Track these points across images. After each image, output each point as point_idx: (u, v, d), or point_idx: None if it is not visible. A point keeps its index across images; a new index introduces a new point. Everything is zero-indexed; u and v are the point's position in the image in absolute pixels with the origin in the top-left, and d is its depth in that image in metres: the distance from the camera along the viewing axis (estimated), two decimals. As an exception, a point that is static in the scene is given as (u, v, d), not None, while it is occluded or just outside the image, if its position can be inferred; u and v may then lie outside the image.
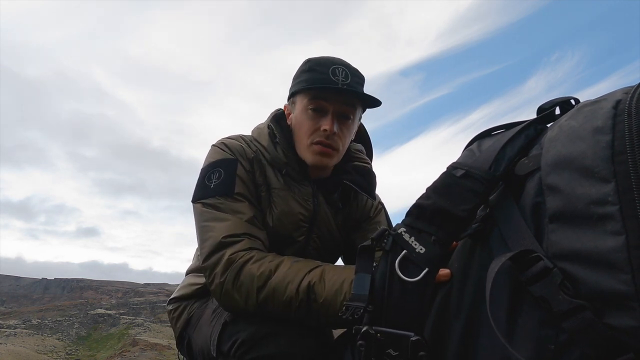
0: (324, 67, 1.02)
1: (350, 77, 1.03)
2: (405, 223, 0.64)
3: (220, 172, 1.01)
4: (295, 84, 1.08)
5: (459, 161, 0.64)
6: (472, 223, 0.59)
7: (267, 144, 1.09)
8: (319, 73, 1.02)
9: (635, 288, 0.40)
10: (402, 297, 0.61)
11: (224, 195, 0.98)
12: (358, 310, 0.63)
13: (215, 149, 1.08)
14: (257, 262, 0.87)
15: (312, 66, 1.05)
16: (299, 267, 0.85)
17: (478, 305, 0.55)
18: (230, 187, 0.99)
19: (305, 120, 1.04)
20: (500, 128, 0.67)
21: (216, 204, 0.97)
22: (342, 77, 1.02)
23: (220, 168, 1.02)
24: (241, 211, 0.97)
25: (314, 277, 0.82)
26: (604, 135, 0.47)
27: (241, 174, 1.02)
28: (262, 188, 1.06)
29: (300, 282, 0.82)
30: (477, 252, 0.58)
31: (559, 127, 0.53)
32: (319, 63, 1.04)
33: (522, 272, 0.48)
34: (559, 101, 0.63)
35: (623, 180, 0.43)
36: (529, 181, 0.55)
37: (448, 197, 0.60)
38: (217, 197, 0.98)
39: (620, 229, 0.42)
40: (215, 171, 1.02)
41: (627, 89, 0.51)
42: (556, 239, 0.47)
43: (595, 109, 0.50)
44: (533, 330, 0.47)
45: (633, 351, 0.40)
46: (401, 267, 0.61)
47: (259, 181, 1.06)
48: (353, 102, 1.05)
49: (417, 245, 0.61)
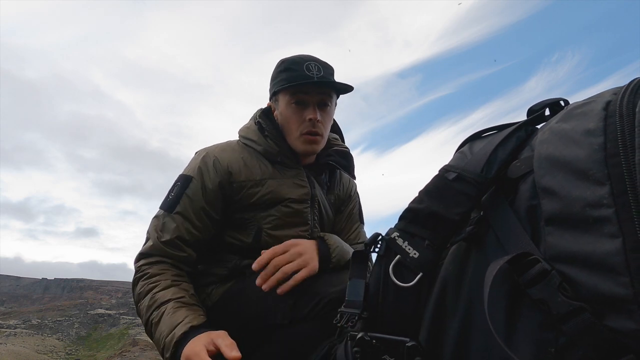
0: (298, 65, 1.16)
1: (323, 70, 1.16)
2: (398, 227, 0.63)
3: (177, 187, 1.13)
4: (275, 83, 1.21)
5: (451, 164, 0.64)
6: (466, 226, 0.59)
7: (257, 137, 1.20)
8: (295, 71, 1.15)
9: (633, 291, 0.40)
10: (396, 302, 0.60)
11: (166, 211, 1.11)
12: (353, 317, 0.62)
13: (192, 159, 1.20)
14: (144, 281, 1.04)
15: (288, 66, 1.18)
16: (154, 300, 0.99)
17: (474, 309, 0.55)
18: (173, 205, 1.10)
19: (291, 114, 1.17)
20: (491, 130, 0.67)
21: (159, 216, 1.12)
22: (315, 71, 1.15)
23: (179, 182, 1.14)
24: (167, 230, 1.08)
25: (154, 318, 0.97)
26: (596, 138, 0.46)
27: (193, 192, 1.11)
28: (249, 184, 1.14)
29: (147, 318, 0.99)
30: (472, 255, 0.58)
31: (549, 129, 0.53)
32: (293, 62, 1.17)
33: (520, 275, 0.48)
34: (548, 102, 0.63)
35: (617, 182, 0.43)
36: (522, 184, 0.54)
37: (441, 200, 0.59)
38: (162, 210, 1.12)
39: (616, 231, 0.42)
40: (176, 184, 1.14)
41: (615, 89, 0.51)
42: (553, 242, 0.47)
43: (586, 111, 0.50)
44: (533, 334, 0.47)
45: (633, 353, 0.40)
46: (395, 272, 0.60)
47: (243, 179, 1.14)
48: (329, 92, 1.20)
49: (410, 249, 0.60)
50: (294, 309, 0.95)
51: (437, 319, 0.58)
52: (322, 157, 1.28)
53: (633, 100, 0.47)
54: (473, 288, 0.56)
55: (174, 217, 1.08)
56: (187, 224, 1.08)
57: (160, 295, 0.99)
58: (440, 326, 0.58)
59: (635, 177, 0.42)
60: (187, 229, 1.08)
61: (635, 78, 0.50)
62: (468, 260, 0.58)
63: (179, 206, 1.09)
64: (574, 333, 0.43)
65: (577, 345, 0.43)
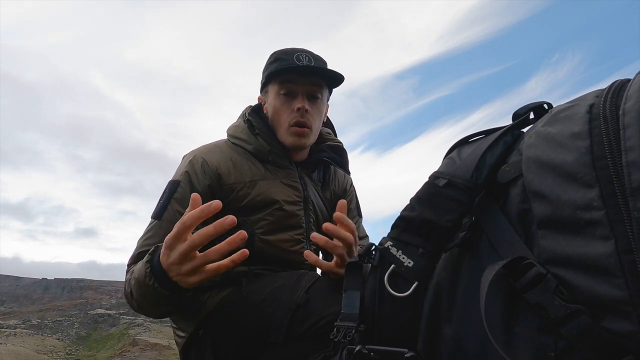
0: (288, 55, 1.13)
1: (314, 61, 1.13)
2: (391, 236, 0.62)
3: (165, 193, 1.08)
4: (266, 75, 1.18)
5: (441, 170, 0.64)
6: (459, 232, 0.59)
7: (247, 136, 1.17)
8: (284, 61, 1.12)
9: (629, 292, 0.40)
10: (393, 313, 0.60)
11: (154, 218, 1.06)
12: (350, 331, 0.61)
13: (180, 164, 1.15)
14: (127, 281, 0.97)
15: (278, 56, 1.15)
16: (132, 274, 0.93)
17: (470, 315, 0.55)
18: (161, 212, 1.05)
19: (279, 105, 1.15)
20: (479, 134, 0.67)
21: (149, 225, 1.06)
22: (305, 61, 1.12)
23: (167, 189, 1.09)
24: (155, 237, 1.02)
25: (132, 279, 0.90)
26: (582, 141, 0.47)
27: (181, 197, 1.06)
28: (238, 186, 1.10)
29: (129, 288, 0.92)
30: (465, 261, 0.57)
31: (536, 133, 0.54)
32: (283, 52, 1.15)
33: (516, 280, 0.48)
34: (532, 106, 0.64)
35: (606, 185, 0.43)
36: (512, 188, 0.54)
37: (433, 207, 0.59)
38: (152, 218, 1.06)
39: (608, 233, 0.42)
40: (165, 190, 1.09)
41: (597, 92, 0.52)
42: (547, 245, 0.47)
43: (570, 114, 0.51)
44: (531, 339, 0.47)
45: (632, 354, 0.40)
46: (390, 282, 0.60)
47: (232, 181, 1.10)
48: (319, 82, 1.16)
49: (405, 258, 0.60)
50: (290, 326, 0.91)
51: (433, 328, 0.58)
52: (315, 152, 1.26)
53: (615, 103, 0.47)
54: (468, 294, 0.56)
55: (161, 224, 1.03)
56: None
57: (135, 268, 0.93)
58: (436, 334, 0.58)
59: (623, 179, 0.42)
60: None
61: (616, 80, 0.51)
62: (461, 266, 0.58)
63: (167, 212, 1.04)
64: (573, 336, 0.43)
65: (576, 348, 0.43)
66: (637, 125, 0.43)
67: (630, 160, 0.42)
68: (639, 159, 0.41)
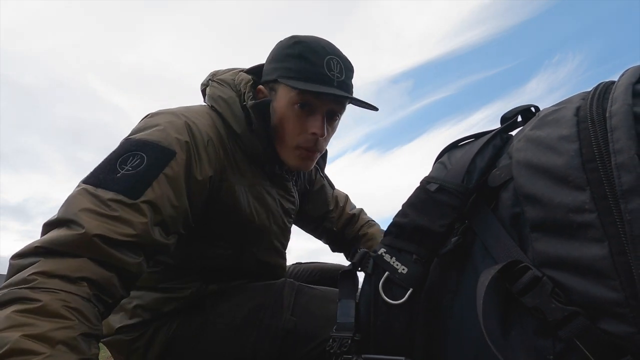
0: (317, 56, 0.86)
1: (344, 73, 0.89)
2: (384, 243, 0.62)
3: (142, 161, 0.71)
4: (281, 68, 0.88)
5: (432, 175, 0.63)
6: (452, 237, 0.59)
7: (242, 131, 0.89)
8: (312, 64, 0.86)
9: (624, 294, 0.41)
10: (389, 320, 0.59)
11: (125, 195, 0.67)
12: (346, 341, 0.60)
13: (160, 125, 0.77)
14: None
15: (304, 53, 0.87)
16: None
17: (465, 320, 0.55)
18: (139, 189, 0.68)
19: (291, 118, 0.88)
20: (468, 138, 0.67)
21: (107, 202, 0.65)
22: (337, 71, 0.87)
23: (145, 155, 0.71)
24: (129, 225, 0.66)
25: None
26: (571, 144, 0.47)
27: (174, 175, 0.73)
28: (236, 188, 0.88)
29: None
30: (459, 265, 0.57)
31: (524, 136, 0.54)
32: (311, 50, 0.87)
33: (512, 283, 0.48)
34: (520, 109, 0.64)
35: (597, 187, 0.44)
36: (503, 192, 0.55)
37: (425, 213, 0.59)
38: (117, 194, 0.66)
39: (601, 235, 0.43)
40: (137, 156, 0.71)
41: (583, 94, 0.53)
42: (541, 248, 0.48)
43: (558, 117, 0.51)
44: (529, 342, 0.47)
45: (631, 354, 0.41)
46: (385, 290, 0.59)
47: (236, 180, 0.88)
48: (344, 101, 0.93)
49: (399, 265, 0.59)
50: (281, 355, 0.82)
51: (429, 334, 0.58)
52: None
53: (602, 105, 0.48)
54: (463, 299, 0.56)
55: (137, 206, 0.67)
56: (159, 218, 0.70)
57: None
58: (433, 341, 0.57)
59: (613, 181, 0.43)
60: (146, 225, 0.68)
61: (601, 82, 0.52)
62: (455, 271, 0.58)
63: (151, 191, 0.69)
64: (571, 338, 0.43)
65: (574, 349, 0.44)
66: (624, 128, 0.43)
67: (619, 162, 0.42)
68: (627, 162, 0.42)
